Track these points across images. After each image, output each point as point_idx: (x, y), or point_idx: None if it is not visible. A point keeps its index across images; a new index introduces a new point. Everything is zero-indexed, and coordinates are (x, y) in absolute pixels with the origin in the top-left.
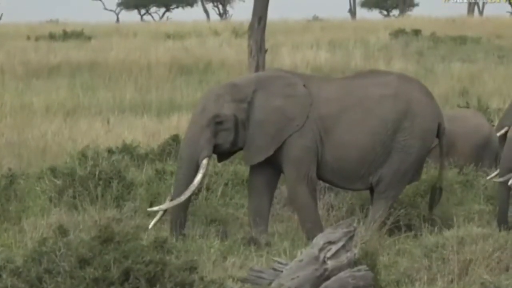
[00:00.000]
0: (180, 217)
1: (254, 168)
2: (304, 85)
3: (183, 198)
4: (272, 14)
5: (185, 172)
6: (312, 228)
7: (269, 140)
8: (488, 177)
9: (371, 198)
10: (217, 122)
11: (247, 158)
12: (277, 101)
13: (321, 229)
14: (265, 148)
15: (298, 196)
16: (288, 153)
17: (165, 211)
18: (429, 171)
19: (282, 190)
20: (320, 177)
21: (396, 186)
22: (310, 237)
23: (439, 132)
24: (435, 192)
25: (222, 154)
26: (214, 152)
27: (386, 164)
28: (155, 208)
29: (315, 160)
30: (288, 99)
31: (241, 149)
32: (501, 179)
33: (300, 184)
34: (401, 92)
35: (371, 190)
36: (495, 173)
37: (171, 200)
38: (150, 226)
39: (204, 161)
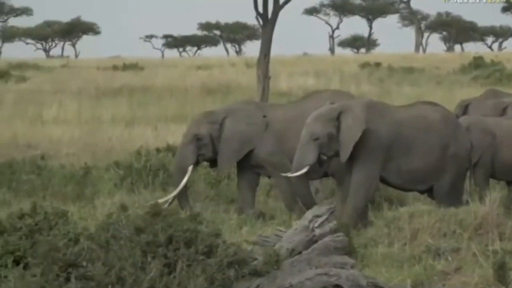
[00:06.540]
0: (183, 198)
1: (239, 171)
2: (264, 116)
3: (175, 192)
4: (274, 51)
5: (177, 175)
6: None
7: (234, 153)
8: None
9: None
10: (197, 139)
11: (219, 167)
12: (241, 126)
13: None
14: (231, 159)
15: (296, 188)
16: (260, 158)
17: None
18: None
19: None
20: None
21: None
22: (289, 209)
23: None
24: None
25: (209, 161)
26: (201, 160)
27: None
28: (163, 199)
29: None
30: (249, 126)
31: None
32: (296, 174)
33: (287, 178)
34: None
35: None
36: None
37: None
38: (160, 201)
39: (190, 168)
